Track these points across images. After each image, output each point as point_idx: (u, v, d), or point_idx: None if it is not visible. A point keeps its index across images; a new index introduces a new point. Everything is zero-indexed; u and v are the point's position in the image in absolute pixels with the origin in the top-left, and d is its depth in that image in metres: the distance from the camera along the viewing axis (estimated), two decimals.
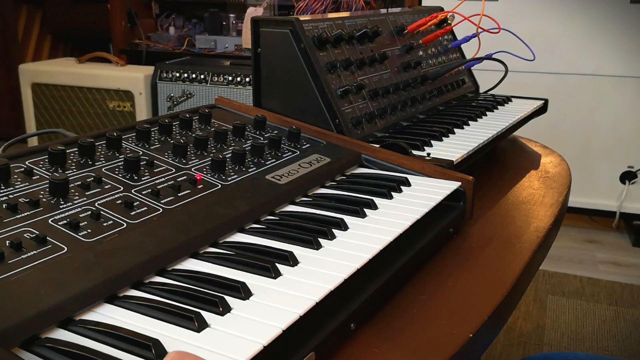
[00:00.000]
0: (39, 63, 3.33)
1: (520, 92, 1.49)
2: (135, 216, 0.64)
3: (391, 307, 0.65)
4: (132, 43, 3.48)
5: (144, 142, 0.82)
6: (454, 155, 0.97)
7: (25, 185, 0.66)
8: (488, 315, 0.64)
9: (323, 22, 1.08)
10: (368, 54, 1.14)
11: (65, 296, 0.50)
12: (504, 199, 1.01)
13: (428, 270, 0.74)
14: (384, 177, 0.88)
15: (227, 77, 2.58)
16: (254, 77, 1.10)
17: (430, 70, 1.32)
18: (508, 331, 2.19)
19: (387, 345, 0.58)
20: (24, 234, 0.57)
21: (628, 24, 2.76)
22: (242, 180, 0.78)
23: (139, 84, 2.79)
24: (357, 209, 0.75)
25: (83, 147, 0.74)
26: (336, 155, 0.92)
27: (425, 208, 0.77)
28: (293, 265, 0.61)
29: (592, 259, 2.76)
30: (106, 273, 0.55)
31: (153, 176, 0.73)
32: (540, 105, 1.41)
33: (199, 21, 3.57)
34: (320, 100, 1.02)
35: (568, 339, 2.15)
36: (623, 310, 2.33)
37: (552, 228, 0.91)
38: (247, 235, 0.69)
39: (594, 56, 2.84)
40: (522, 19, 2.83)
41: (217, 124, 0.94)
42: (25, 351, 0.47)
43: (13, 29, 4.01)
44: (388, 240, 0.67)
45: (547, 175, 1.14)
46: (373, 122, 1.08)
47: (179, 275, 0.59)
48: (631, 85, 2.82)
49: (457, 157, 0.96)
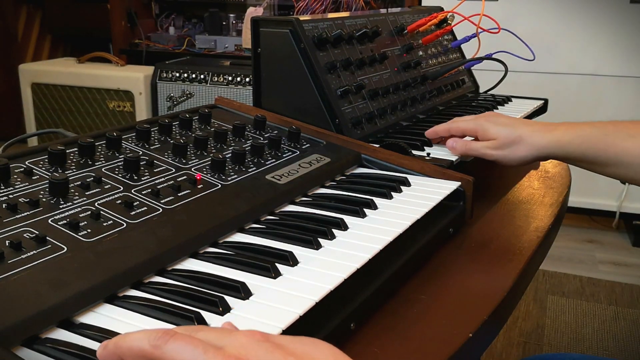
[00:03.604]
0: (39, 63, 3.33)
1: (520, 92, 1.49)
2: (135, 216, 0.64)
3: (391, 307, 0.65)
4: (132, 43, 3.49)
5: (144, 142, 0.82)
6: (454, 156, 0.97)
7: (25, 185, 0.66)
8: (488, 315, 0.64)
9: (323, 22, 1.08)
10: (368, 54, 1.14)
11: (65, 296, 0.50)
12: (504, 199, 1.01)
13: (428, 270, 0.74)
14: (384, 177, 0.89)
15: (227, 77, 2.58)
16: (254, 77, 1.10)
17: (430, 70, 1.32)
18: (508, 331, 2.19)
19: (387, 345, 0.58)
20: (23, 234, 0.57)
21: (628, 24, 2.76)
22: (242, 180, 0.78)
23: (138, 84, 2.79)
24: (357, 209, 0.75)
25: (83, 147, 0.74)
26: (336, 155, 0.92)
27: (425, 208, 0.77)
28: (293, 265, 0.61)
29: (592, 259, 2.76)
30: (106, 273, 0.55)
31: (153, 176, 0.73)
32: (540, 105, 1.41)
33: (199, 21, 3.57)
34: (320, 100, 1.02)
35: (568, 339, 2.15)
36: (623, 310, 2.33)
37: (552, 228, 0.91)
38: (247, 235, 0.69)
39: (594, 56, 2.84)
40: (522, 19, 2.83)
41: (217, 124, 0.94)
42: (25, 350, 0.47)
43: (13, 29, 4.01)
44: (388, 240, 0.67)
45: (547, 175, 1.14)
46: (373, 122, 1.08)
47: (179, 275, 0.59)
48: (631, 85, 2.82)
49: (457, 157, 0.96)
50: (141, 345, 0.41)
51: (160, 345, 0.40)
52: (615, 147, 0.86)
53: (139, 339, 0.41)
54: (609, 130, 0.88)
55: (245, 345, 0.40)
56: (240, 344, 0.40)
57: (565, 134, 0.89)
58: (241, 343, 0.40)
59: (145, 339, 0.41)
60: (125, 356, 0.41)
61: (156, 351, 0.40)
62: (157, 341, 0.40)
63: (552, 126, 0.92)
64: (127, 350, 0.41)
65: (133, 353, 0.41)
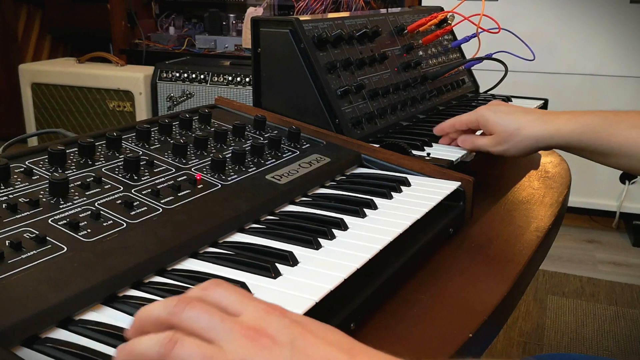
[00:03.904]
0: (39, 63, 3.33)
1: (520, 92, 1.49)
2: (135, 216, 0.64)
3: (391, 307, 0.65)
4: (132, 43, 3.49)
5: (143, 142, 0.82)
6: (454, 155, 0.97)
7: (25, 185, 0.66)
8: (488, 315, 0.64)
9: (323, 22, 1.08)
10: (368, 54, 1.14)
11: (65, 296, 0.50)
12: (504, 199, 1.01)
13: (428, 270, 0.74)
14: (384, 177, 0.89)
15: (227, 77, 2.58)
16: (253, 77, 1.10)
17: (430, 70, 1.32)
18: (508, 331, 2.19)
19: (387, 345, 0.58)
20: (23, 234, 0.57)
21: (628, 24, 2.76)
22: (242, 180, 0.78)
23: (138, 84, 2.79)
24: (357, 209, 0.75)
25: (83, 147, 0.74)
26: (336, 155, 0.92)
27: (425, 208, 0.77)
28: (293, 265, 0.61)
29: (592, 259, 2.76)
30: (106, 273, 0.55)
31: (153, 176, 0.73)
32: (540, 105, 1.41)
33: (199, 21, 3.57)
34: (320, 100, 1.02)
35: (568, 339, 2.15)
36: (623, 310, 2.33)
37: (552, 228, 0.91)
38: (247, 235, 0.69)
39: (594, 56, 2.84)
40: (522, 19, 2.83)
41: (217, 124, 0.94)
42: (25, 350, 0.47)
43: (13, 29, 4.01)
44: (388, 240, 0.67)
45: (547, 175, 1.14)
46: (373, 122, 1.08)
47: (178, 275, 0.59)
48: (631, 85, 2.82)
49: (457, 157, 0.96)
50: (159, 313, 0.42)
51: (177, 313, 0.41)
52: (618, 137, 0.86)
53: (157, 307, 0.42)
54: (612, 120, 0.87)
55: (264, 317, 0.40)
56: (259, 316, 0.40)
57: (567, 123, 0.89)
58: (260, 314, 0.41)
59: (162, 307, 0.42)
60: (146, 327, 0.42)
61: (173, 319, 0.41)
62: (174, 308, 0.41)
63: (553, 115, 0.91)
64: (147, 319, 0.42)
65: (152, 322, 0.42)
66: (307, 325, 0.41)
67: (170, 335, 0.39)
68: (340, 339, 0.41)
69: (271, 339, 0.39)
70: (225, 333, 0.39)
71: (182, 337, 0.39)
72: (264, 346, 0.38)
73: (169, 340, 0.39)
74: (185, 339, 0.39)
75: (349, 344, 0.41)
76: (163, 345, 0.39)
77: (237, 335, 0.39)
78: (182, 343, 0.39)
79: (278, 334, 0.39)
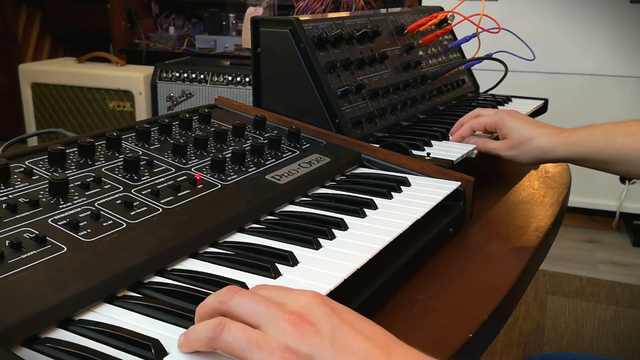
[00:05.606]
0: (39, 63, 3.33)
1: (520, 92, 1.49)
2: (135, 216, 0.64)
3: (391, 307, 0.65)
4: (132, 43, 3.49)
5: (143, 142, 0.82)
6: (454, 155, 0.97)
7: (25, 185, 0.66)
8: (488, 315, 0.64)
9: (323, 22, 1.08)
10: (368, 53, 1.14)
11: (65, 296, 0.50)
12: (504, 199, 1.01)
13: (428, 270, 0.74)
14: (384, 177, 0.88)
15: (227, 77, 2.58)
16: (253, 77, 1.10)
17: (430, 70, 1.32)
18: (508, 331, 2.19)
19: None
20: (23, 234, 0.57)
21: (628, 24, 2.76)
22: (242, 180, 0.78)
23: (138, 84, 2.79)
24: (357, 209, 0.75)
25: (83, 147, 0.74)
26: (336, 155, 0.92)
27: (425, 208, 0.77)
28: (293, 265, 0.61)
29: (592, 259, 2.76)
30: (106, 273, 0.55)
31: (153, 176, 0.73)
32: (540, 105, 1.41)
33: (199, 21, 3.57)
34: (320, 100, 1.02)
35: (568, 339, 2.15)
36: (623, 310, 2.33)
37: (552, 228, 0.91)
38: (247, 235, 0.69)
39: (594, 56, 2.84)
40: (522, 19, 2.83)
41: (217, 124, 0.94)
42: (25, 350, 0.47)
43: (13, 29, 4.01)
44: (388, 240, 0.67)
45: (547, 175, 1.14)
46: (373, 122, 1.08)
47: (178, 275, 0.59)
48: (631, 85, 2.82)
49: (457, 157, 0.96)
50: (212, 302, 0.46)
51: (226, 301, 0.45)
52: (615, 144, 0.90)
53: (210, 298, 0.47)
54: (610, 130, 0.92)
55: (306, 304, 0.44)
56: (302, 303, 0.44)
57: (570, 136, 0.94)
58: (303, 302, 0.44)
59: (214, 297, 0.46)
60: (204, 317, 0.46)
61: (223, 306, 0.45)
62: (224, 297, 0.45)
63: (561, 130, 0.97)
64: (203, 309, 0.47)
65: (207, 311, 0.47)
66: (345, 316, 0.44)
67: (219, 321, 0.43)
68: (377, 332, 0.44)
69: (313, 326, 0.42)
70: (270, 318, 0.43)
71: (230, 322, 0.43)
72: (306, 333, 0.42)
73: (217, 325, 0.43)
74: (233, 324, 0.43)
75: (385, 338, 0.44)
76: (212, 330, 0.43)
77: (280, 320, 0.42)
78: (229, 328, 0.43)
79: (319, 321, 0.42)
